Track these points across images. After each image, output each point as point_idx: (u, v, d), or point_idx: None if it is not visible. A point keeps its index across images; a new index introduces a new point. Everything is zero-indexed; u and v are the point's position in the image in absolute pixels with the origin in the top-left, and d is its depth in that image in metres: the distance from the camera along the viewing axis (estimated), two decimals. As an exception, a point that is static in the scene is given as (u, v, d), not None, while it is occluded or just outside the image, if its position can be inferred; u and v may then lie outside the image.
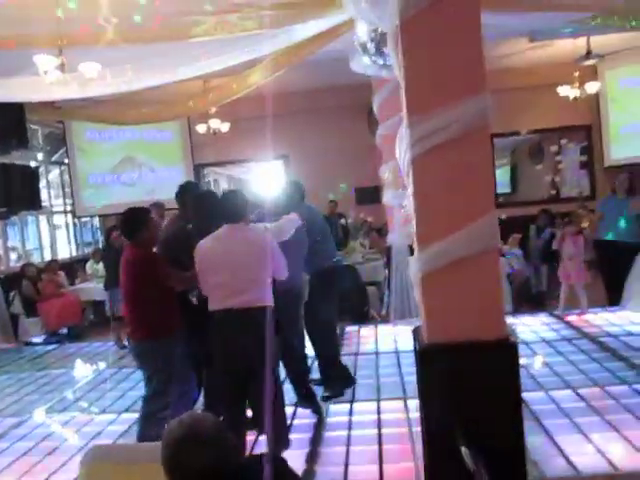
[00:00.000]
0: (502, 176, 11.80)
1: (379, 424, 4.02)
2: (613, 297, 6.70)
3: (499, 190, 11.02)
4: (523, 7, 4.65)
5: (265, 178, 11.35)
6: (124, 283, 3.67)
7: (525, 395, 3.38)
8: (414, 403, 4.09)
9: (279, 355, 3.79)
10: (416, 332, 2.63)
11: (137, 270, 3.58)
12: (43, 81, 4.98)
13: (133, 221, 3.64)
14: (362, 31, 4.97)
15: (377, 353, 5.79)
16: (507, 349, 2.38)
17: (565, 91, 9.09)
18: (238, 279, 3.27)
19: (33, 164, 9.45)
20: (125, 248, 3.77)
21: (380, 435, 3.85)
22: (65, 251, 10.65)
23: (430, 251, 2.38)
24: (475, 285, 2.38)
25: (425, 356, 2.46)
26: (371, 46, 4.96)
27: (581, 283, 6.66)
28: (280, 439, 3.39)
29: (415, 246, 2.48)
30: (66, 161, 10.46)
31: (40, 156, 10.13)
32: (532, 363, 5.05)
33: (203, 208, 3.81)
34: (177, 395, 3.66)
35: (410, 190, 2.50)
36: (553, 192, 10.88)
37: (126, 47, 4.77)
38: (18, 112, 7.57)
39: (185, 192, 4.25)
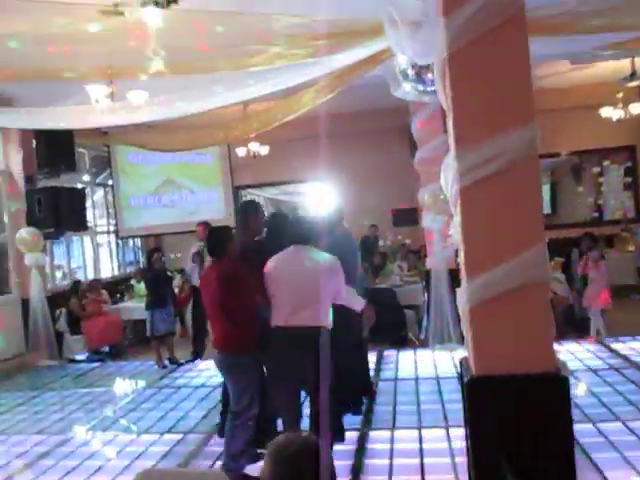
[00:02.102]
0: (542, 195, 11.55)
1: (421, 453, 3.96)
2: None
3: (539, 211, 10.80)
4: (565, 31, 4.63)
5: (304, 200, 11.44)
6: (215, 298, 3.70)
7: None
8: (456, 432, 4.04)
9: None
10: (463, 363, 2.60)
11: (230, 285, 3.63)
12: (94, 109, 5.21)
13: (219, 239, 3.76)
14: (402, 58, 5.02)
15: (417, 379, 5.73)
16: (557, 383, 2.34)
17: (608, 112, 8.94)
18: (299, 298, 3.43)
19: (79, 186, 9.79)
20: (211, 265, 3.87)
21: (422, 465, 3.79)
22: (107, 270, 10.93)
23: (478, 282, 2.36)
24: (524, 317, 2.35)
25: (473, 388, 2.43)
26: (412, 73, 5.00)
27: (599, 309, 6.53)
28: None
29: (463, 277, 2.47)
30: (110, 183, 10.80)
31: (86, 178, 10.49)
32: (579, 393, 4.91)
33: (274, 228, 4.03)
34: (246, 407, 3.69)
35: (457, 220, 2.50)
36: (596, 214, 10.63)
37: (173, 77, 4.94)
38: (68, 138, 7.89)
39: (248, 211, 4.30)
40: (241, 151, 9.64)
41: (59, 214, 8.02)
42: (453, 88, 2.43)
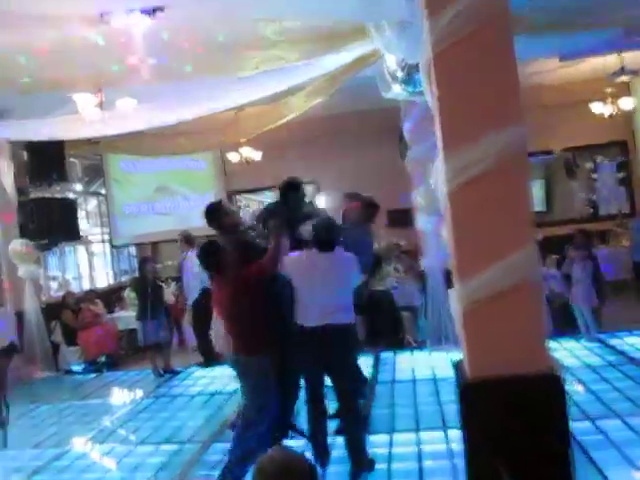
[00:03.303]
0: (536, 192, 11.45)
1: (420, 456, 3.94)
2: None
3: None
4: (552, 29, 4.63)
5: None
6: (231, 306, 3.74)
7: (570, 425, 3.28)
8: (455, 434, 4.01)
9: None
10: (458, 366, 2.58)
11: (241, 289, 3.64)
12: (82, 119, 5.18)
13: (211, 254, 3.74)
14: (391, 60, 5.02)
15: (414, 381, 5.70)
16: (552, 383, 2.32)
17: (598, 108, 8.95)
18: (328, 300, 3.61)
19: (72, 195, 9.75)
20: (215, 280, 3.87)
21: (421, 468, 3.77)
22: (103, 279, 10.87)
23: (470, 284, 2.35)
24: (517, 318, 2.34)
25: (468, 391, 2.42)
26: (401, 74, 5.00)
27: (589, 307, 6.49)
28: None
29: (455, 279, 2.45)
30: (103, 191, 10.75)
31: (79, 187, 10.44)
32: (576, 390, 4.89)
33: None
34: (256, 409, 3.68)
35: (447, 222, 2.49)
36: (590, 210, 10.63)
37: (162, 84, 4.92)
38: (58, 148, 7.85)
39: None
40: (234, 157, 9.62)
41: (51, 225, 7.98)
42: (439, 89, 2.42)
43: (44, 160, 7.89)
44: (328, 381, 3.83)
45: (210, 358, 7.29)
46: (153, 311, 7.07)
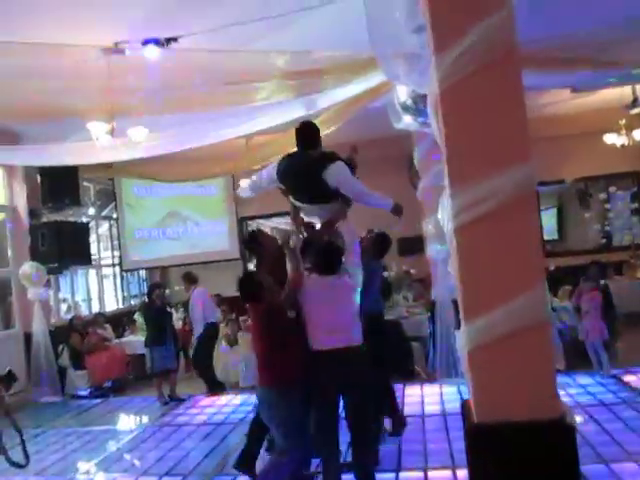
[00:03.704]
0: (548, 220, 11.31)
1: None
2: None
3: (545, 236, 10.58)
4: (565, 67, 4.61)
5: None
6: (256, 336, 3.77)
7: (583, 468, 3.16)
8: (464, 473, 3.88)
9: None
10: (464, 407, 2.50)
11: (272, 321, 3.65)
12: (94, 146, 5.23)
13: (248, 285, 3.71)
14: (402, 91, 5.03)
15: (423, 416, 5.57)
16: (562, 431, 2.23)
17: (612, 139, 8.90)
18: (336, 322, 3.62)
19: (85, 219, 9.82)
20: (250, 309, 3.87)
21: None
22: (112, 303, 10.88)
23: (477, 325, 2.28)
24: (525, 361, 2.26)
25: (474, 436, 2.33)
26: (411, 104, 5.00)
27: (599, 341, 6.31)
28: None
29: (462, 319, 2.39)
30: (115, 216, 10.83)
31: (91, 211, 10.53)
32: (589, 430, 4.74)
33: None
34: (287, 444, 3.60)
35: (454, 259, 2.43)
36: (603, 241, 10.50)
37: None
38: (72, 172, 7.94)
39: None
40: (244, 183, 9.64)
41: (63, 248, 8.02)
42: (446, 125, 2.39)
43: (57, 183, 7.98)
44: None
45: (213, 387, 7.25)
46: (161, 337, 7.04)
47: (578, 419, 4.75)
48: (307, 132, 4.15)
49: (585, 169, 10.02)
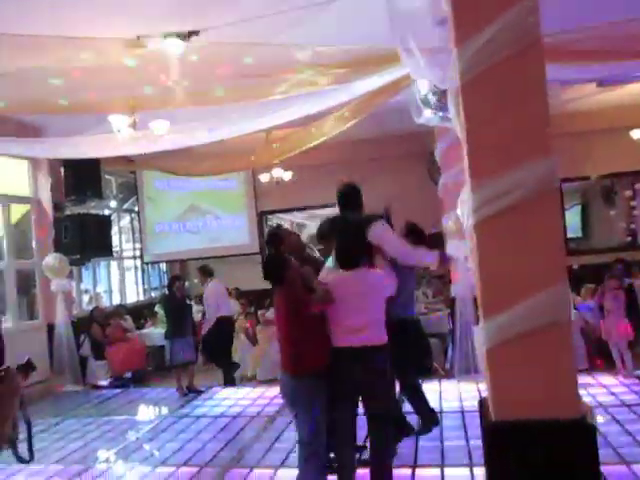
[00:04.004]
0: (572, 218, 11.08)
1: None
2: None
3: (569, 234, 10.38)
4: (590, 58, 4.51)
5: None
6: (280, 321, 3.71)
7: (604, 469, 3.10)
8: (481, 471, 3.84)
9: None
10: (482, 405, 2.47)
11: (291, 308, 3.60)
12: (116, 139, 5.28)
13: (277, 267, 3.67)
14: (423, 85, 4.97)
15: (441, 412, 5.52)
16: (583, 431, 2.19)
17: (638, 134, 8.70)
18: (362, 318, 3.53)
19: (107, 212, 9.94)
20: (275, 292, 3.78)
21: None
22: (133, 295, 11.01)
23: (496, 322, 2.25)
24: (545, 360, 2.22)
25: (492, 434, 2.30)
26: (433, 99, 4.94)
27: (623, 341, 6.19)
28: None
29: (480, 315, 2.35)
30: (136, 209, 10.95)
31: (113, 204, 10.66)
32: (611, 430, 4.65)
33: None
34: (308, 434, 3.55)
35: (474, 255, 2.40)
36: (628, 239, 10.28)
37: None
38: (95, 165, 8.03)
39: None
40: (264, 177, 9.68)
41: (85, 241, 8.13)
42: (467, 119, 2.35)
43: (80, 177, 8.08)
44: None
45: (229, 373, 7.32)
46: (181, 330, 7.10)
47: (599, 419, 4.67)
48: (349, 193, 4.26)
49: (610, 165, 9.80)
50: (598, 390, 5.77)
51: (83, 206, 8.53)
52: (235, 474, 4.38)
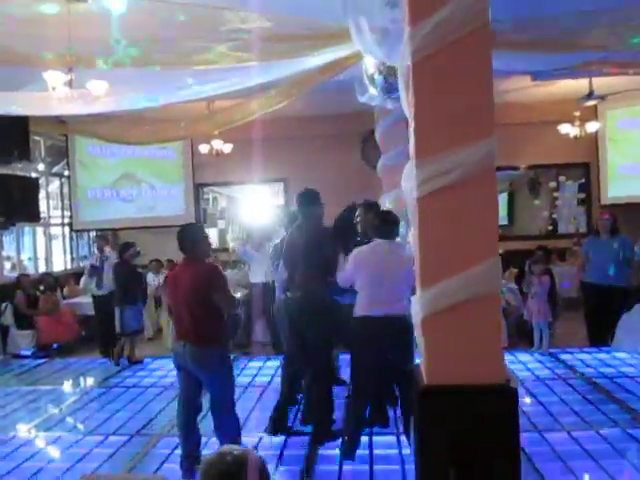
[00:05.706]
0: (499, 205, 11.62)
1: (371, 460, 3.96)
2: (595, 337, 6.71)
3: (496, 222, 10.93)
4: (534, 48, 4.71)
5: (262, 200, 11.31)
6: (190, 293, 3.69)
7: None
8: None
9: None
10: (415, 371, 2.61)
11: (209, 280, 3.68)
12: (51, 97, 5.02)
13: (193, 236, 3.79)
14: (370, 63, 5.04)
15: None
16: (506, 394, 2.37)
17: (566, 129, 9.21)
18: (393, 289, 3.73)
19: (34, 175, 9.43)
20: (182, 262, 3.87)
21: (372, 472, 3.79)
22: (60, 263, 10.58)
23: (431, 293, 2.37)
24: (475, 329, 2.37)
25: (424, 397, 2.44)
26: (379, 78, 5.03)
27: (544, 322, 6.71)
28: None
29: (417, 286, 2.47)
30: (66, 173, 10.46)
31: (41, 167, 10.12)
32: (526, 402, 5.01)
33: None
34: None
35: (414, 229, 2.51)
36: (550, 227, 10.92)
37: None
38: (22, 124, 7.58)
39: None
40: (204, 148, 9.49)
41: (10, 203, 7.70)
42: (415, 97, 2.43)
43: (6, 136, 7.59)
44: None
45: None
46: (134, 298, 6.95)
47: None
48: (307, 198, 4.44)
49: (538, 157, 10.34)
50: (516, 366, 6.16)
51: (8, 167, 8.05)
52: (167, 442, 4.38)
